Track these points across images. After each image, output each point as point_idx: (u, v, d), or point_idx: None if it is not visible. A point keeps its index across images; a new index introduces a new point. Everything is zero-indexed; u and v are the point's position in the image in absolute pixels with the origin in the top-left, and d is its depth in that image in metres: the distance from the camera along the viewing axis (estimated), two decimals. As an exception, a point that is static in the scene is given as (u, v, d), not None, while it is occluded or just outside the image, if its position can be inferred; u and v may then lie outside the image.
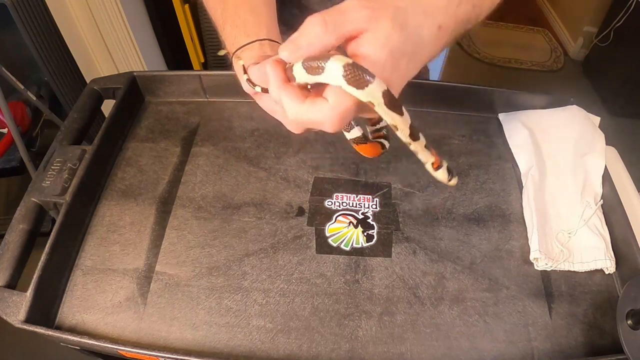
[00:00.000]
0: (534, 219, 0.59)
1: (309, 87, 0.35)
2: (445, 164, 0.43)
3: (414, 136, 0.39)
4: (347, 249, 0.58)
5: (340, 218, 0.61)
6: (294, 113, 0.34)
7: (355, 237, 0.59)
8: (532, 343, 0.52)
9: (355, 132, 0.45)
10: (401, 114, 0.35)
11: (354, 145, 0.47)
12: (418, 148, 0.40)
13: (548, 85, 2.44)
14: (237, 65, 0.45)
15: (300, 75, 0.34)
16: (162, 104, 0.75)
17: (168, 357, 0.48)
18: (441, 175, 0.43)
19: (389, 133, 0.45)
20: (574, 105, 0.71)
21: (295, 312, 0.53)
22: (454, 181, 0.44)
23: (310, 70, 0.33)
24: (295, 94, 0.34)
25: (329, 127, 0.34)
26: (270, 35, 0.47)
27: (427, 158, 0.42)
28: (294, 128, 0.38)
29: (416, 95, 0.74)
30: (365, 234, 0.60)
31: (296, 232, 0.59)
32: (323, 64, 0.32)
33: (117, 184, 0.64)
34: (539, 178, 0.63)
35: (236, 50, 0.46)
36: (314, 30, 0.32)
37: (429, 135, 0.73)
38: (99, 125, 0.65)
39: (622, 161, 0.73)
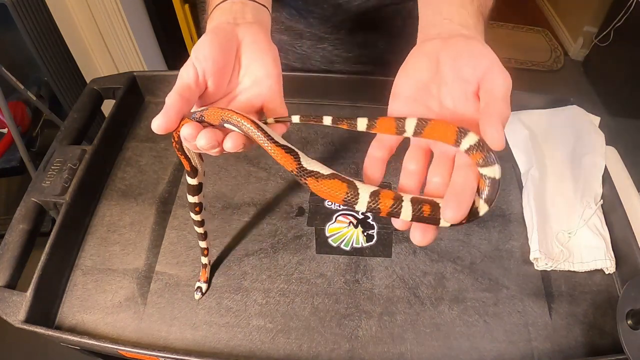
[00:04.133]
0: (534, 219, 0.59)
1: None
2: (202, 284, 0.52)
3: None
4: (347, 249, 0.58)
5: (340, 218, 0.61)
6: None
7: (355, 237, 0.59)
8: (532, 343, 0.52)
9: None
10: None
11: None
12: None
13: (548, 85, 2.44)
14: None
15: None
16: (162, 104, 0.74)
17: (168, 357, 0.48)
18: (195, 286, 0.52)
19: None
20: (574, 105, 0.71)
21: (295, 312, 0.53)
22: (197, 295, 0.51)
23: None
24: None
25: None
26: None
27: None
28: None
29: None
30: (365, 234, 0.60)
31: (296, 232, 0.59)
32: None
33: (117, 184, 0.64)
34: (539, 178, 0.63)
35: (211, 12, 0.41)
36: None
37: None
38: (99, 125, 0.65)
39: (622, 161, 0.73)
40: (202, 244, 0.53)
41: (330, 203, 0.63)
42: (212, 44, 0.36)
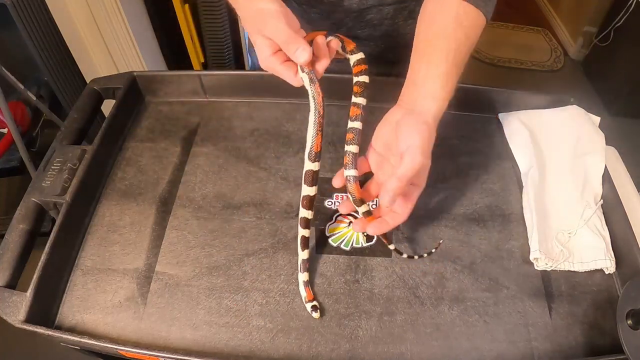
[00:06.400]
0: (534, 219, 0.59)
1: None
2: (314, 302, 0.53)
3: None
4: (347, 249, 0.58)
5: (340, 218, 0.61)
6: None
7: (355, 237, 0.59)
8: (532, 343, 0.52)
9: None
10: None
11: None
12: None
13: (548, 85, 2.44)
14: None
15: None
16: (162, 104, 0.75)
17: (168, 357, 0.48)
18: (308, 308, 0.52)
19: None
20: (574, 105, 0.71)
21: (295, 312, 0.53)
22: (315, 314, 0.52)
23: None
24: None
25: None
26: None
27: (302, 292, 0.54)
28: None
29: (416, 95, 0.73)
30: (365, 234, 0.60)
31: (296, 232, 0.59)
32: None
33: (117, 184, 0.64)
34: (539, 178, 0.63)
35: None
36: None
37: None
38: (99, 125, 0.65)
39: (622, 161, 0.73)
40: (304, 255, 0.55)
41: (330, 203, 0.63)
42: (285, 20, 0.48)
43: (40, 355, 1.33)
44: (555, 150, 0.67)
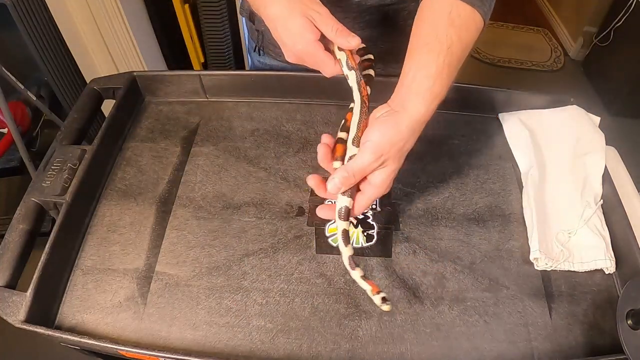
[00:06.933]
0: (534, 219, 0.59)
1: None
2: (382, 294, 0.46)
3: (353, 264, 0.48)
4: (347, 249, 0.58)
5: (340, 218, 0.61)
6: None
7: (355, 237, 0.59)
8: (532, 343, 0.52)
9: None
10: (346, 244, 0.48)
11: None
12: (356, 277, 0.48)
13: (548, 85, 2.44)
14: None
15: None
16: (162, 103, 0.75)
17: (168, 357, 0.48)
18: (377, 301, 0.46)
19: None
20: (574, 105, 0.71)
21: (295, 312, 0.53)
22: (385, 307, 0.46)
23: None
24: None
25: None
26: None
27: (365, 286, 0.47)
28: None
29: (416, 95, 0.73)
30: (365, 234, 0.60)
31: (296, 232, 0.59)
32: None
33: (117, 184, 0.64)
34: (539, 178, 0.63)
35: None
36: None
37: (429, 135, 0.72)
38: (99, 125, 0.65)
39: (622, 161, 0.73)
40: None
41: (329, 203, 0.62)
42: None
43: (40, 355, 1.33)
44: (555, 150, 0.67)
